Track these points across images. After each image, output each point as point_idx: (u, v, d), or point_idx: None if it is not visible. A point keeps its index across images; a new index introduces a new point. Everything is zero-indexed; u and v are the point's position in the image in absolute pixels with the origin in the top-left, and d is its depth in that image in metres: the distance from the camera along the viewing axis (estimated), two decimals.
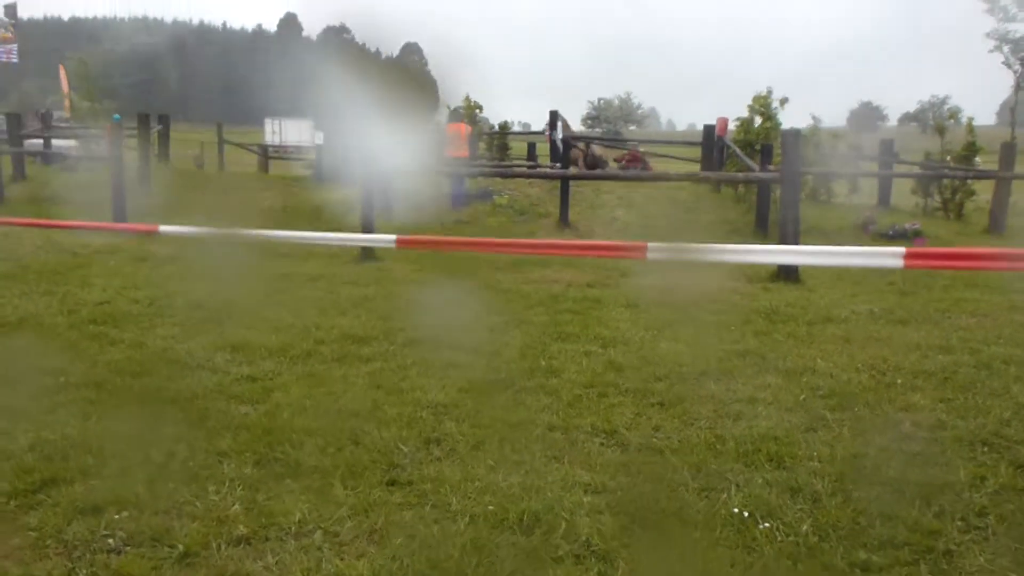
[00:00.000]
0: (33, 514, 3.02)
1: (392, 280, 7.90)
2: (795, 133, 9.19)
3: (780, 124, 13.89)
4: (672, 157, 20.67)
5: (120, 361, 5.00)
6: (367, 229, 9.06)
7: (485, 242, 3.46)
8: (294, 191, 16.07)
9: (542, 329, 6.10)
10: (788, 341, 5.81)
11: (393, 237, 1.47)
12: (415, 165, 16.43)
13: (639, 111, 77.52)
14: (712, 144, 15.73)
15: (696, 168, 16.46)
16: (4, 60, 33.22)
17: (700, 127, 17.31)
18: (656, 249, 2.06)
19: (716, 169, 14.66)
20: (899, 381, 4.82)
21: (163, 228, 2.08)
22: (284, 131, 49.32)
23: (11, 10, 32.32)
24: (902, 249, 3.34)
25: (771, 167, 11.12)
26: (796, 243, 8.12)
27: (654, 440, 3.95)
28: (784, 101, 14.14)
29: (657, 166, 18.50)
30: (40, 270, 8.04)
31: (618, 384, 4.75)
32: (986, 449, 3.80)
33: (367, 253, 9.06)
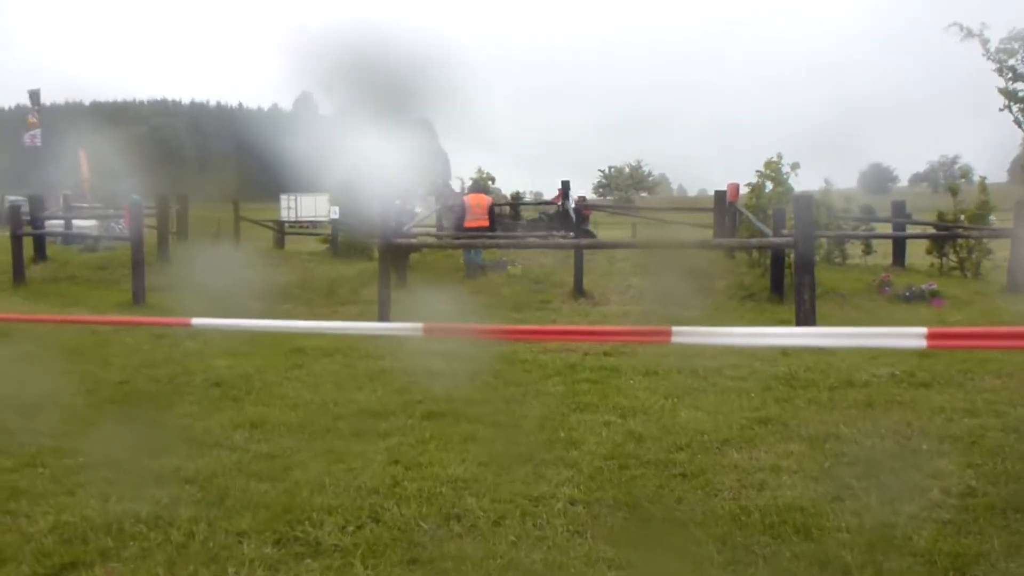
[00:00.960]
0: None
1: (408, 352, 7.88)
2: (807, 197, 9.26)
3: (792, 188, 13.98)
4: (684, 223, 20.78)
5: (139, 441, 5.00)
6: (384, 305, 9.11)
7: (513, 330, 3.46)
8: (310, 266, 16.25)
9: (560, 399, 6.07)
10: (810, 407, 5.74)
11: (420, 326, 1.47)
12: (430, 235, 16.62)
13: (650, 178, 78.22)
14: (724, 209, 15.82)
15: (708, 233, 16.53)
16: (29, 144, 34.06)
17: (711, 192, 17.44)
18: (681, 333, 2.03)
19: (728, 234, 14.71)
20: (925, 446, 4.75)
21: (195, 321, 2.10)
22: (300, 206, 50.05)
23: (35, 96, 33.25)
24: (923, 329, 3.33)
25: (784, 231, 11.16)
26: (813, 307, 8.11)
27: (677, 513, 3.89)
28: (795, 166, 14.25)
29: (678, 232, 18.57)
30: (60, 349, 8.10)
31: (639, 455, 4.70)
32: (1019, 516, 3.71)
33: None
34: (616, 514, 3.86)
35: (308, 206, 48.18)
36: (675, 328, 2.06)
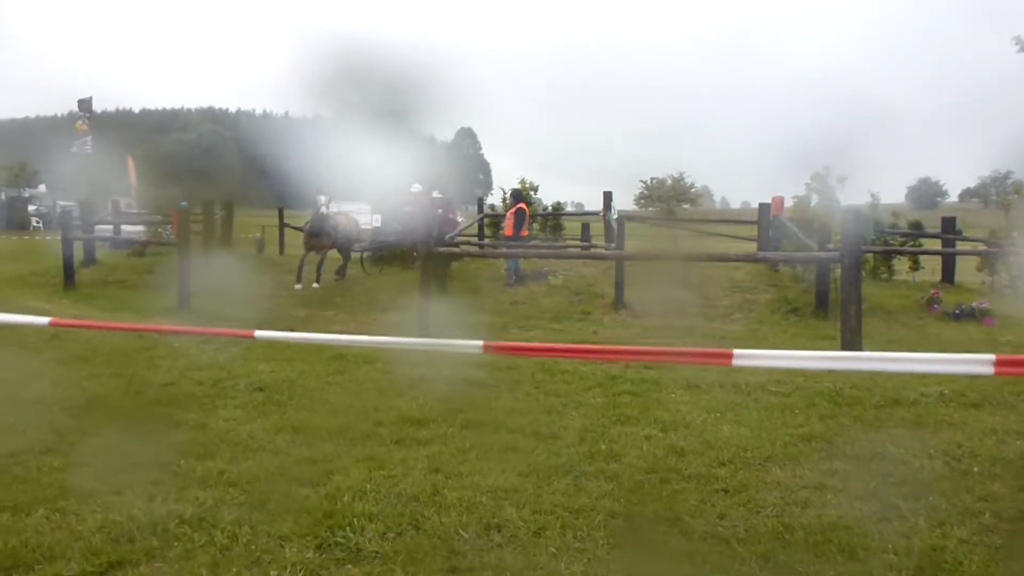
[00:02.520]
0: None
1: (448, 361, 7.90)
2: (854, 211, 9.12)
3: (838, 202, 13.81)
4: (727, 236, 20.59)
5: (184, 443, 5.07)
6: (424, 313, 9.15)
7: (571, 349, 3.44)
8: (351, 273, 16.36)
9: (600, 411, 6.03)
10: (855, 425, 5.64)
11: (480, 343, 1.46)
12: (470, 245, 16.67)
13: (692, 190, 77.71)
14: (768, 223, 15.66)
15: (752, 247, 16.37)
16: (79, 151, 34.88)
17: (753, 205, 17.27)
18: (743, 356, 1.98)
19: (773, 248, 14.55)
20: (976, 468, 4.64)
21: (258, 333, 2.12)
22: None
23: (86, 104, 34.01)
24: (991, 356, 3.25)
25: (830, 246, 11.01)
26: (859, 324, 7.97)
27: (719, 528, 3.84)
28: (842, 179, 14.07)
29: (715, 245, 18.43)
30: (108, 352, 8.25)
31: (680, 469, 4.65)
32: None
33: (423, 333, 9.12)
34: (657, 528, 3.83)
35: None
36: (736, 351, 2.01)
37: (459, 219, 20.95)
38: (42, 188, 42.67)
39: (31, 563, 3.34)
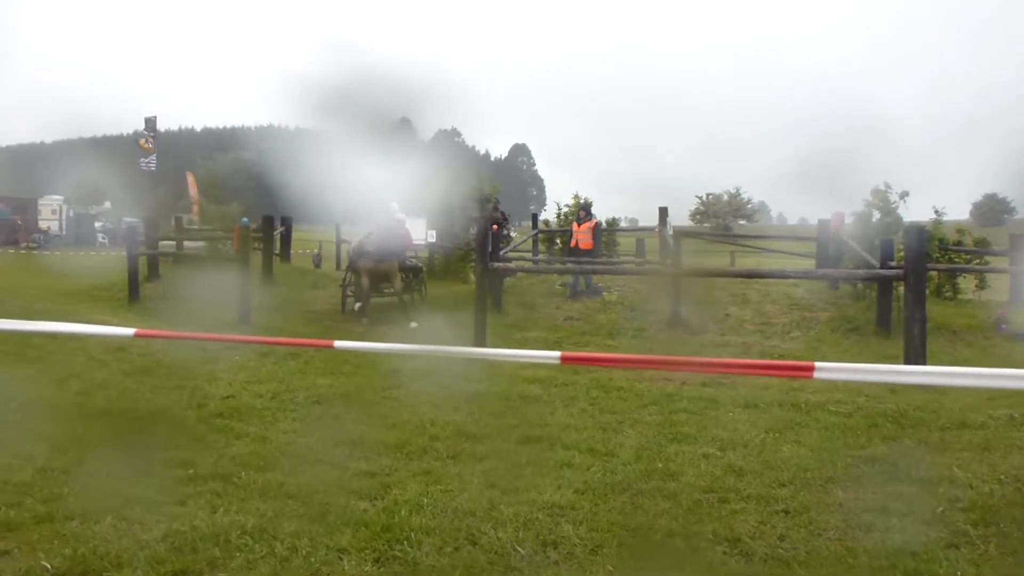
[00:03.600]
0: None
1: (503, 375, 7.92)
2: (918, 228, 8.91)
3: (901, 218, 13.52)
4: (784, 252, 20.31)
5: (245, 455, 5.16)
6: (480, 328, 9.19)
7: (650, 360, 3.41)
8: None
9: (657, 429, 5.98)
10: (920, 448, 5.50)
11: (557, 355, 1.46)
12: (525, 260, 16.70)
13: (749, 205, 76.75)
14: (827, 239, 15.39)
15: (810, 264, 16.10)
16: (144, 169, 35.89)
17: (811, 221, 17.02)
18: (825, 369, 1.92)
19: (832, 265, 14.29)
20: None
21: (338, 344, 2.16)
22: None
23: (151, 123, 34.98)
24: None
25: (892, 263, 10.77)
26: (923, 343, 7.78)
27: (780, 550, 3.77)
28: (904, 195, 13.78)
29: (772, 262, 18.20)
30: (171, 364, 8.44)
31: (739, 489, 4.58)
32: None
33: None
34: (716, 549, 3.77)
35: None
36: (818, 364, 1.94)
37: (513, 235, 21.03)
38: (107, 205, 43.95)
39: (100, 570, 3.42)
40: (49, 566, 3.45)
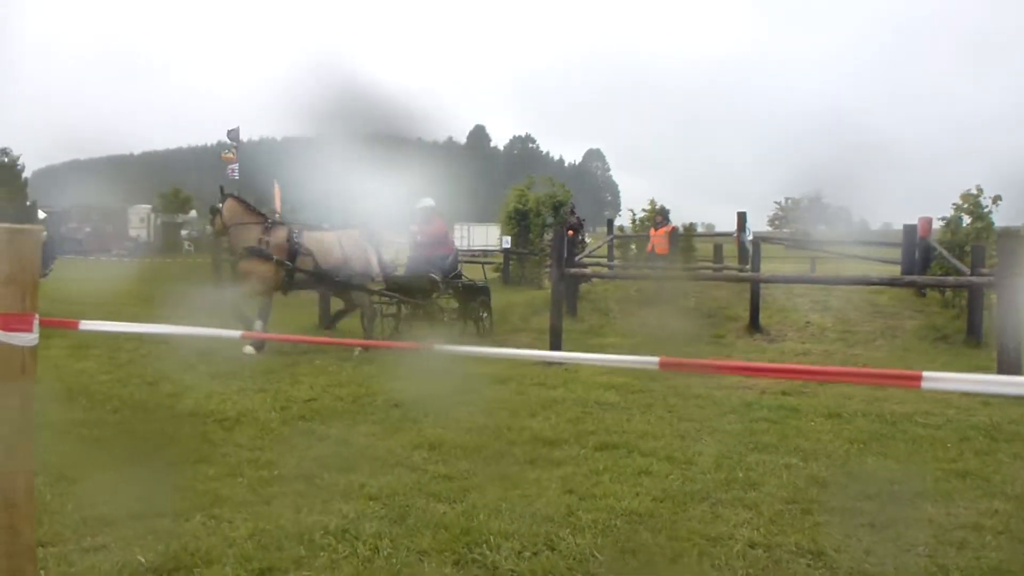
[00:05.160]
0: None
1: (580, 382, 7.92)
2: (1014, 233, 8.58)
3: (993, 223, 13.02)
4: (867, 258, 19.78)
5: (327, 456, 5.27)
6: (556, 334, 9.20)
7: (754, 367, 3.34)
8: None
9: (736, 438, 5.89)
10: (1015, 463, 5.28)
11: (656, 359, 1.46)
12: (601, 266, 16.65)
13: (829, 210, 74.76)
14: (913, 244, 14.93)
15: (895, 270, 15.64)
16: (229, 178, 36.98)
17: (895, 226, 16.55)
18: (933, 379, 1.84)
19: (919, 271, 13.85)
20: None
21: (437, 347, 2.22)
22: (472, 235, 51.65)
23: (234, 133, 36.02)
24: None
25: (983, 270, 10.38)
26: (1019, 354, 7.46)
27: (866, 565, 3.67)
28: (997, 199, 13.26)
29: (855, 268, 17.73)
30: (255, 369, 8.69)
31: (823, 501, 4.48)
32: None
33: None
34: (799, 561, 3.69)
35: (480, 235, 49.63)
36: (925, 374, 1.87)
37: (588, 240, 20.95)
38: (193, 214, 45.51)
39: (191, 566, 3.54)
40: (143, 560, 3.58)
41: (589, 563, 3.58)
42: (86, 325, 2.66)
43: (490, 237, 42.05)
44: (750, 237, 15.75)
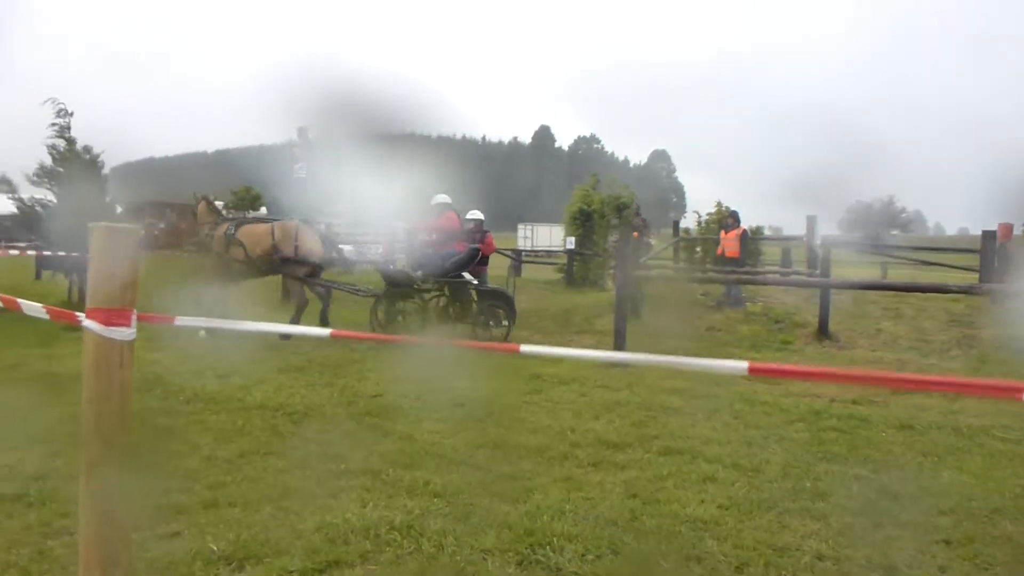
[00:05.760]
0: None
1: (644, 385, 7.86)
2: None
3: None
4: (942, 265, 19.22)
5: (393, 452, 5.33)
6: (620, 336, 9.15)
7: (845, 374, 3.26)
8: (545, 294, 16.64)
9: (804, 447, 5.78)
10: None
11: (745, 365, 1.45)
12: (665, 268, 16.50)
13: (903, 215, 72.88)
14: (992, 251, 14.45)
15: (972, 277, 15.16)
16: (297, 176, 37.65)
17: (973, 232, 16.03)
18: None
19: (998, 279, 13.38)
20: None
21: (524, 348, 2.24)
22: (536, 236, 51.70)
23: (303, 132, 36.63)
24: None
25: None
26: None
27: None
28: None
29: (929, 275, 17.25)
30: (323, 363, 8.84)
31: (894, 515, 4.37)
32: None
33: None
34: (870, 574, 3.61)
35: (544, 236, 49.65)
36: None
37: (652, 242, 20.79)
38: (263, 210, 46.41)
39: (260, 556, 3.62)
40: (216, 549, 3.67)
41: (653, 569, 3.56)
42: (182, 320, 2.74)
43: (554, 238, 42.05)
44: (820, 241, 15.43)
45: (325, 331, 2.39)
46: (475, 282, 11.65)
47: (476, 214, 12.47)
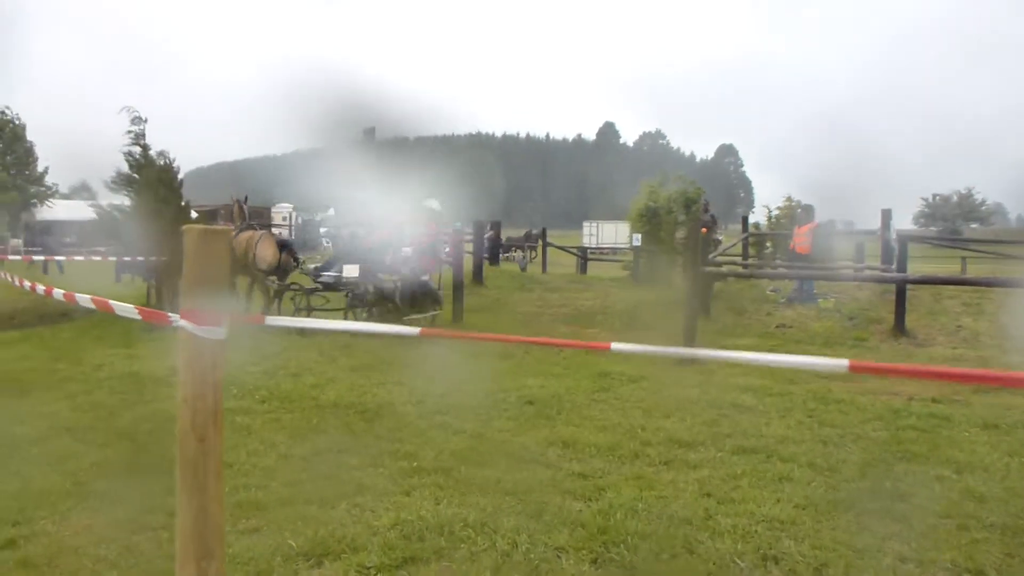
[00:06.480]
0: None
1: (715, 384, 7.76)
2: None
3: None
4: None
5: (463, 451, 5.37)
6: (690, 332, 9.05)
7: (951, 372, 3.21)
8: (611, 291, 16.54)
9: (882, 446, 5.63)
10: None
11: (845, 362, 1.42)
12: (734, 265, 16.25)
13: (982, 207, 70.44)
14: None
15: None
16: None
17: None
18: None
19: None
20: None
21: (615, 346, 2.24)
22: (601, 233, 51.45)
23: (370, 134, 37.14)
24: None
25: None
26: None
27: None
28: None
29: (1011, 269, 16.62)
30: (392, 361, 8.95)
31: (980, 517, 4.23)
32: None
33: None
34: None
35: (609, 233, 49.39)
36: None
37: (720, 238, 20.50)
38: (331, 212, 47.24)
39: (338, 552, 3.69)
40: (294, 544, 3.75)
41: (729, 568, 3.52)
42: (272, 321, 2.82)
43: (619, 235, 41.79)
44: (894, 235, 15.02)
45: (415, 330, 2.42)
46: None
47: (431, 203, 12.99)
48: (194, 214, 15.30)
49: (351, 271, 11.83)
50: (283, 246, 13.05)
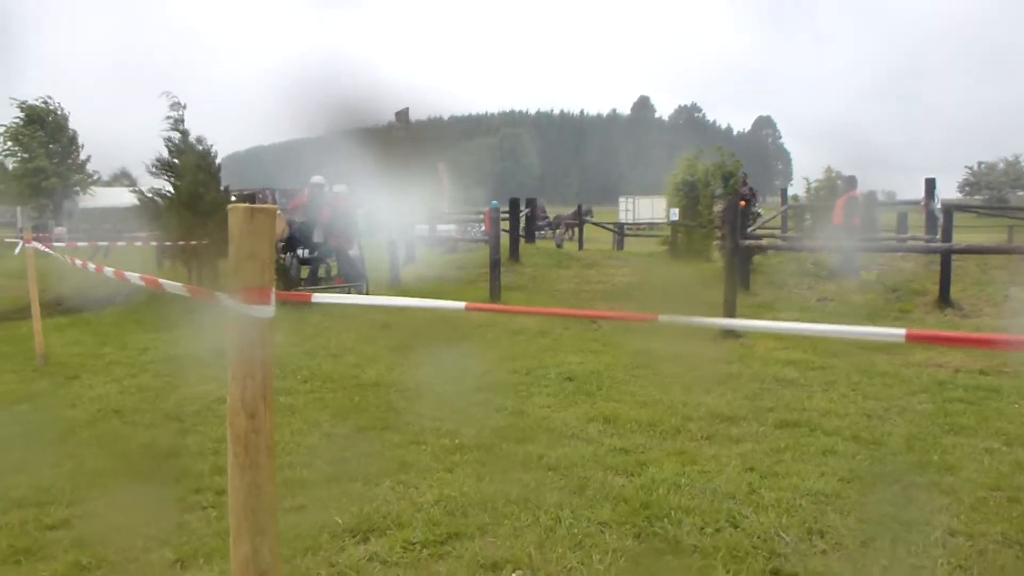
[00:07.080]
0: (442, 563, 3.34)
1: (756, 358, 7.71)
2: None
3: None
4: None
5: (504, 427, 5.40)
6: (730, 306, 8.98)
7: (1007, 340, 3.18)
8: (649, 267, 16.46)
9: (929, 419, 5.56)
10: None
11: (902, 332, 1.40)
12: (775, 238, 16.06)
13: None
14: None
15: None
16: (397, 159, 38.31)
17: None
18: None
19: None
20: None
21: (662, 317, 2.24)
22: (637, 208, 51.15)
23: (403, 115, 37.22)
24: None
25: None
26: None
27: None
28: None
29: None
30: (431, 340, 9.00)
31: None
32: None
33: (728, 330, 8.94)
34: (1007, 552, 3.45)
35: (645, 208, 49.07)
36: None
37: (759, 211, 20.25)
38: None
39: (383, 528, 3.73)
40: (340, 521, 3.80)
41: (774, 542, 3.50)
42: (319, 298, 2.85)
43: (656, 210, 41.52)
44: (939, 205, 14.73)
45: (460, 304, 2.43)
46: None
47: (316, 179, 13.82)
48: (232, 198, 15.44)
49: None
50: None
